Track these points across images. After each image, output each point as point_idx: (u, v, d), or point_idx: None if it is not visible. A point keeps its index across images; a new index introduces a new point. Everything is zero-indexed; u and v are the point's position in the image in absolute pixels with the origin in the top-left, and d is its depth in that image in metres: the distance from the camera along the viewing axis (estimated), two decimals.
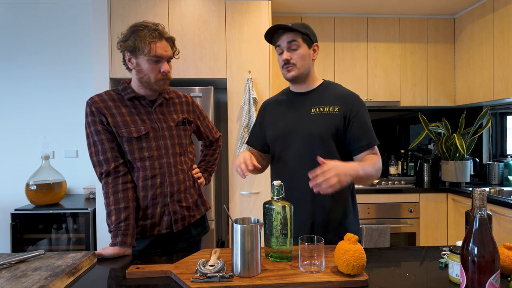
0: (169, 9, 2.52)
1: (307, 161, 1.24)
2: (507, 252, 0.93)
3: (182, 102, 1.45)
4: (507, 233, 2.17)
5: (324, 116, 1.27)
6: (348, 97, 1.29)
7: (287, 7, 2.88)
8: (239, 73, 2.56)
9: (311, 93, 1.34)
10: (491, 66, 2.65)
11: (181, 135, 1.38)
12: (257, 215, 2.52)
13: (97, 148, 1.26)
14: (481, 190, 0.76)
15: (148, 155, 1.29)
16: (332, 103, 1.28)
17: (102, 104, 1.27)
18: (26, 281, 0.89)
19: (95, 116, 1.26)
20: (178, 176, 1.35)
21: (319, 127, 1.25)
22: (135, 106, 1.31)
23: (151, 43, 1.23)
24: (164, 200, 1.31)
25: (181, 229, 1.36)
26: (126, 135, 1.26)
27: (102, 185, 1.27)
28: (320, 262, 0.95)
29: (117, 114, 1.27)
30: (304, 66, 1.29)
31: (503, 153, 3.08)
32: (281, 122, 1.34)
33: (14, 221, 2.31)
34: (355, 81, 2.98)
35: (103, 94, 1.31)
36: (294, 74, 1.28)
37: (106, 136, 1.25)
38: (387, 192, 2.72)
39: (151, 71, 1.26)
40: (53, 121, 2.86)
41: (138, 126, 1.28)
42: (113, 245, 1.19)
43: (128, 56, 1.28)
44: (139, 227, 1.30)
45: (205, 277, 0.90)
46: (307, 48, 1.29)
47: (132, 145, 1.27)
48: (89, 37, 2.84)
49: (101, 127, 1.25)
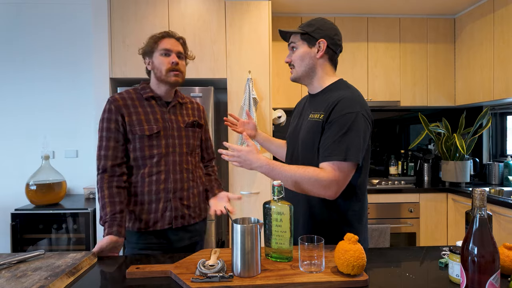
0: (169, 9, 2.52)
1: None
2: (507, 252, 0.93)
3: (194, 107, 1.55)
4: (507, 233, 2.17)
5: (312, 123, 1.20)
6: (332, 103, 1.14)
7: (287, 7, 2.88)
8: (239, 73, 2.56)
9: (317, 96, 1.27)
10: (491, 66, 2.65)
11: (189, 135, 1.46)
12: (257, 215, 2.52)
13: (102, 143, 1.34)
14: (481, 190, 0.76)
15: (157, 152, 1.37)
16: (320, 109, 1.19)
17: (121, 102, 1.36)
18: (26, 281, 0.89)
19: (112, 114, 1.34)
20: (183, 175, 1.41)
21: (304, 135, 1.23)
22: (151, 105, 1.41)
23: (160, 38, 1.39)
24: (167, 196, 1.37)
25: (181, 227, 1.40)
26: (139, 132, 1.34)
27: (97, 179, 1.33)
28: (320, 262, 0.95)
29: (134, 113, 1.36)
30: (303, 66, 1.24)
31: (503, 153, 3.08)
32: (292, 124, 1.37)
33: (14, 221, 2.31)
34: (355, 81, 2.98)
35: (123, 93, 1.40)
36: (293, 76, 1.29)
37: (114, 135, 1.34)
38: (387, 192, 2.72)
39: (161, 63, 1.37)
40: (53, 121, 2.86)
41: (151, 125, 1.36)
42: (109, 234, 1.22)
43: (147, 60, 1.42)
44: (142, 221, 1.34)
45: (205, 277, 0.90)
46: (307, 47, 1.22)
47: (144, 142, 1.35)
48: (88, 37, 2.84)
49: (115, 126, 1.34)
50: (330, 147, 1.10)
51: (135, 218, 1.36)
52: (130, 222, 1.36)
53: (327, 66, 1.25)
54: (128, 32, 2.48)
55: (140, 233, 1.36)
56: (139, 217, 1.35)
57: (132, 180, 1.37)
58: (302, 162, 1.20)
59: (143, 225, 1.35)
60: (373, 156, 3.36)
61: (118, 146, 1.34)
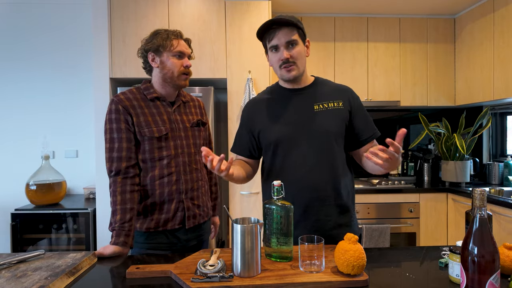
0: (169, 9, 2.52)
1: (318, 160, 1.21)
2: (507, 252, 0.93)
3: (196, 105, 1.54)
4: (507, 233, 2.17)
5: (331, 112, 1.24)
6: (346, 91, 1.29)
7: (287, 7, 2.88)
8: (239, 73, 2.56)
9: (307, 89, 1.28)
10: (491, 66, 2.65)
11: (196, 135, 1.46)
12: (257, 215, 2.52)
13: (113, 145, 1.29)
14: (481, 190, 0.76)
15: (166, 154, 1.35)
16: (334, 98, 1.26)
17: (128, 103, 1.32)
18: (26, 281, 0.89)
19: (121, 114, 1.30)
20: (192, 175, 1.42)
21: (329, 124, 1.22)
22: (157, 106, 1.38)
23: (174, 39, 1.36)
24: (179, 196, 1.37)
25: (192, 226, 1.41)
26: (148, 134, 1.32)
27: (110, 182, 1.29)
28: (320, 262, 0.95)
29: (141, 114, 1.33)
30: (303, 64, 1.23)
31: (503, 153, 3.08)
32: (281, 122, 1.24)
33: (14, 221, 2.31)
34: (355, 81, 2.98)
35: (127, 92, 1.37)
36: (296, 74, 1.21)
37: (126, 135, 1.30)
38: (387, 192, 2.72)
39: (174, 66, 1.36)
40: (53, 121, 2.86)
41: (159, 126, 1.34)
42: (115, 244, 1.20)
43: (152, 56, 1.36)
44: (153, 221, 1.34)
45: (205, 277, 0.90)
46: (303, 44, 1.23)
47: (153, 144, 1.33)
48: (88, 37, 2.84)
49: (125, 126, 1.30)
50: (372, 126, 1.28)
51: (144, 218, 1.34)
52: (138, 223, 1.35)
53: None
54: (128, 31, 2.48)
55: (149, 233, 1.34)
56: (149, 218, 1.34)
57: (141, 182, 1.35)
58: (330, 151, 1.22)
59: (153, 225, 1.33)
60: None
61: (131, 147, 1.31)
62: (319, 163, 1.21)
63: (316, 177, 1.21)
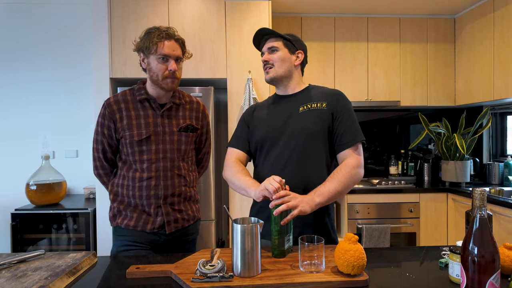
0: (169, 9, 2.52)
1: (296, 158, 1.25)
2: (507, 252, 0.93)
3: (193, 108, 1.49)
4: (507, 233, 2.17)
5: (312, 112, 1.28)
6: (333, 94, 1.33)
7: (287, 7, 2.88)
8: (239, 73, 2.56)
9: (298, 95, 1.36)
10: (491, 66, 2.65)
11: (182, 140, 1.41)
12: None
13: (97, 145, 1.40)
14: (481, 190, 0.76)
15: (147, 157, 1.35)
16: (319, 100, 1.30)
17: (116, 107, 1.36)
18: (26, 281, 0.89)
19: (105, 120, 1.37)
20: (174, 180, 1.38)
21: (308, 123, 1.26)
22: (144, 108, 1.38)
23: (158, 42, 1.31)
24: (157, 202, 1.35)
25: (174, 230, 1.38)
26: (128, 138, 1.34)
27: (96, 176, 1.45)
28: (320, 262, 0.95)
29: (125, 117, 1.35)
30: (283, 68, 1.31)
31: (503, 153, 3.08)
32: (268, 122, 1.33)
33: (14, 221, 2.31)
34: (355, 81, 2.98)
35: (119, 95, 1.39)
36: (272, 76, 1.32)
37: (107, 139, 1.38)
38: (387, 192, 2.72)
39: (159, 70, 1.33)
40: (53, 121, 2.86)
41: (140, 130, 1.34)
42: None
43: (142, 57, 1.36)
44: (133, 220, 1.34)
45: (205, 277, 0.90)
46: (288, 52, 1.32)
47: (133, 147, 1.35)
48: (89, 37, 2.84)
49: (107, 132, 1.37)
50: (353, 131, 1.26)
51: (124, 215, 1.36)
52: (120, 218, 1.36)
53: (300, 73, 1.39)
54: (128, 31, 2.48)
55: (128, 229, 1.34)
56: (129, 216, 1.35)
57: (124, 183, 1.36)
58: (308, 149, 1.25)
59: (132, 224, 1.34)
60: (373, 156, 3.36)
61: (106, 149, 1.39)
62: (292, 162, 1.25)
63: (288, 176, 1.22)
